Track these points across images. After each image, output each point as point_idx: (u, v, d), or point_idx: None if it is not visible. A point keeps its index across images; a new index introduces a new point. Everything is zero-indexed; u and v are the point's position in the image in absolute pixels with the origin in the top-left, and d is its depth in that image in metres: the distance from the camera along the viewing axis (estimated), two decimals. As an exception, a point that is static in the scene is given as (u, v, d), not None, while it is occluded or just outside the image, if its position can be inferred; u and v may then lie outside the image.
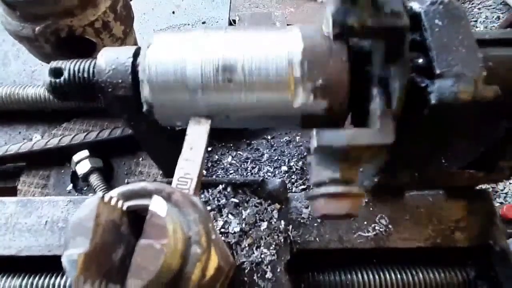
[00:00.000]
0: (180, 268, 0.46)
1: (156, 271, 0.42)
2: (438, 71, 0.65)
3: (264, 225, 0.86)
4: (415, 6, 0.72)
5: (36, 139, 1.52)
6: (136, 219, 0.51)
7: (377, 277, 0.89)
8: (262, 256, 0.83)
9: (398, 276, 0.89)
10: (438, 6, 0.70)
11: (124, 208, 0.49)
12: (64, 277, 0.89)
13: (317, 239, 0.91)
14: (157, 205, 0.46)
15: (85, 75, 0.79)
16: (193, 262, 0.46)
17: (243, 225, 0.85)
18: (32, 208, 0.96)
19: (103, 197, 0.45)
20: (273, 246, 0.84)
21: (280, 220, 0.87)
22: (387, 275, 0.89)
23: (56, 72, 0.81)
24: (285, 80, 0.69)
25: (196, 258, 0.47)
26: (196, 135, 0.68)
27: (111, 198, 0.47)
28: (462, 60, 0.66)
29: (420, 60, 0.68)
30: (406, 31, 0.61)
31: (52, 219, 0.94)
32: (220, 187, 0.89)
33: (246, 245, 0.84)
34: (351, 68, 0.68)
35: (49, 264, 0.90)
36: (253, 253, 0.83)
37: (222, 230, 0.85)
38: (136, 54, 0.77)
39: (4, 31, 1.28)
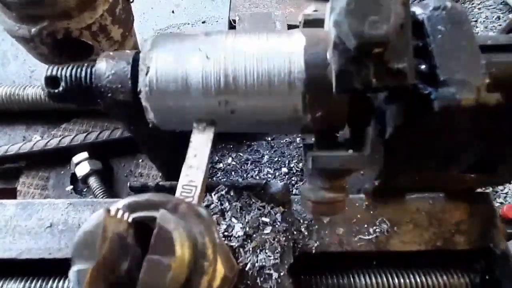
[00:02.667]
0: (187, 281, 0.46)
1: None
2: (441, 78, 0.65)
3: (268, 228, 0.85)
4: (418, 12, 0.71)
5: (36, 139, 1.51)
6: (142, 229, 0.51)
7: (379, 280, 0.89)
8: (266, 259, 0.83)
9: (401, 279, 0.89)
10: (441, 12, 0.70)
11: (130, 220, 0.49)
12: (66, 281, 0.89)
13: (317, 242, 0.91)
14: (164, 219, 0.46)
15: (83, 81, 0.78)
16: (200, 274, 0.46)
17: (247, 228, 0.85)
18: (32, 210, 0.95)
19: (109, 210, 0.45)
20: (277, 249, 0.84)
21: (284, 223, 0.87)
22: (388, 279, 0.89)
23: (52, 82, 0.79)
24: (286, 91, 0.69)
25: (203, 271, 0.47)
26: (200, 142, 0.68)
27: (117, 210, 0.46)
28: (465, 66, 0.66)
29: (423, 67, 0.68)
30: (409, 88, 0.63)
31: (52, 222, 0.94)
32: (223, 190, 0.89)
33: (250, 248, 0.84)
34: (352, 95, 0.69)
35: (49, 267, 0.90)
36: (257, 256, 0.83)
37: (226, 233, 0.84)
38: (135, 59, 0.77)
39: (3, 30, 1.27)
